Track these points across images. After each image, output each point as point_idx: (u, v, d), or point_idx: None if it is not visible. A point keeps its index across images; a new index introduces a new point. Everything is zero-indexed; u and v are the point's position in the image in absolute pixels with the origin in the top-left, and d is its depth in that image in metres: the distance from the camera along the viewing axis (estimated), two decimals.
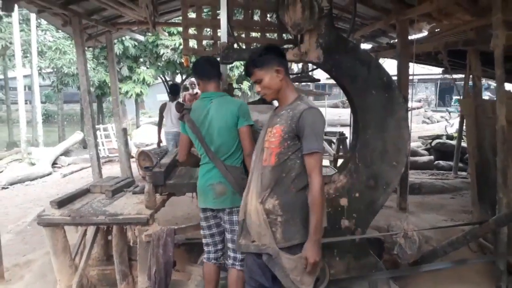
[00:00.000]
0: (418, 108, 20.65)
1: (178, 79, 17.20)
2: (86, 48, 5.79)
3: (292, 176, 1.93)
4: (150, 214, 2.55)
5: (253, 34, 3.75)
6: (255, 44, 3.56)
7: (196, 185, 2.50)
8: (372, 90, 2.89)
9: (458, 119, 12.40)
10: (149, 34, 11.79)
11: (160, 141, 6.52)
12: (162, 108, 6.46)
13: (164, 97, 24.66)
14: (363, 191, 2.96)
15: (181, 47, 12.77)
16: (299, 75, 6.40)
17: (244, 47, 3.30)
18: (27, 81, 14.94)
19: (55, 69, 13.62)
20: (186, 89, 18.80)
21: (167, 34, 10.98)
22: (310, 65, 4.10)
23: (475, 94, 3.74)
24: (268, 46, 2.15)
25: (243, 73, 14.65)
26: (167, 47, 13.01)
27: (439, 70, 7.43)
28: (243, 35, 3.59)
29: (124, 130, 6.51)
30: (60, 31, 13.69)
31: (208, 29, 3.69)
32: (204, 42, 3.77)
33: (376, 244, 3.43)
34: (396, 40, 6.13)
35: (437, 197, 5.82)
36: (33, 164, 9.24)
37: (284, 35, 3.67)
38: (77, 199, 2.95)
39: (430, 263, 3.30)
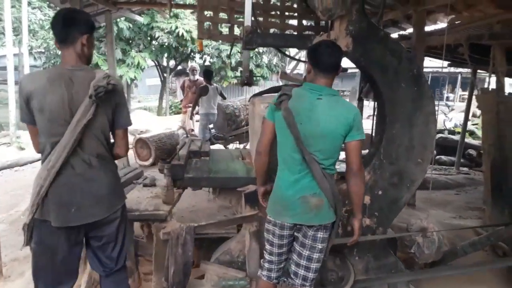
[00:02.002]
0: None
1: (172, 64, 16.83)
2: None
3: None
4: (169, 210, 2.36)
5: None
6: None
7: (213, 180, 2.23)
8: (402, 82, 2.74)
9: (455, 114, 12.43)
10: (144, 15, 11.42)
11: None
12: (205, 91, 6.43)
13: (154, 81, 24.12)
14: (386, 189, 2.84)
15: (177, 30, 12.45)
16: None
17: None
18: (15, 61, 14.40)
19: (47, 50, 13.13)
20: (178, 74, 18.43)
21: (168, 16, 10.62)
22: None
23: (498, 90, 3.61)
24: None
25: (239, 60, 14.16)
26: (162, 30, 12.65)
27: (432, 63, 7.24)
28: (260, 19, 3.39)
29: None
30: (51, 9, 13.19)
31: (223, 14, 3.48)
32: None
33: (390, 242, 3.33)
34: (406, 31, 6.00)
35: (441, 193, 5.75)
36: (22, 149, 8.90)
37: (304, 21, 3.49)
38: None
39: (449, 263, 3.22)
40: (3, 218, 4.50)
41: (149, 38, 13.39)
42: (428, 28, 4.97)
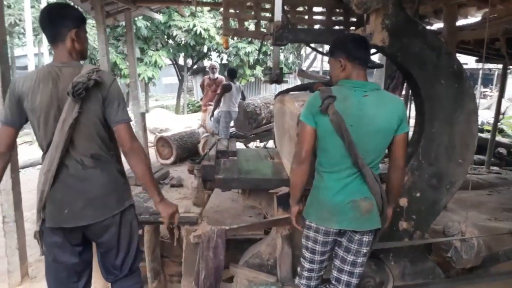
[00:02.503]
0: None
1: (189, 62, 16.84)
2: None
3: None
4: (199, 212, 2.27)
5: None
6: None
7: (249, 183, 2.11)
8: (441, 79, 2.59)
9: (480, 111, 12.00)
10: (162, 13, 11.42)
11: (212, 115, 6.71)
12: (228, 88, 6.36)
13: (170, 80, 24.15)
14: (425, 191, 2.70)
15: (195, 28, 12.41)
16: None
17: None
18: (36, 60, 14.61)
19: None
20: (195, 72, 18.39)
21: (186, 14, 10.57)
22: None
23: None
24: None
25: (256, 58, 14.03)
26: (180, 28, 12.63)
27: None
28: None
29: (143, 115, 6.21)
30: None
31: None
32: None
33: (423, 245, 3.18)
34: (434, 27, 5.80)
35: (473, 193, 5.51)
36: None
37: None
38: None
39: (489, 267, 3.05)
40: (27, 217, 4.46)
41: (166, 37, 13.41)
42: (458, 23, 4.77)
